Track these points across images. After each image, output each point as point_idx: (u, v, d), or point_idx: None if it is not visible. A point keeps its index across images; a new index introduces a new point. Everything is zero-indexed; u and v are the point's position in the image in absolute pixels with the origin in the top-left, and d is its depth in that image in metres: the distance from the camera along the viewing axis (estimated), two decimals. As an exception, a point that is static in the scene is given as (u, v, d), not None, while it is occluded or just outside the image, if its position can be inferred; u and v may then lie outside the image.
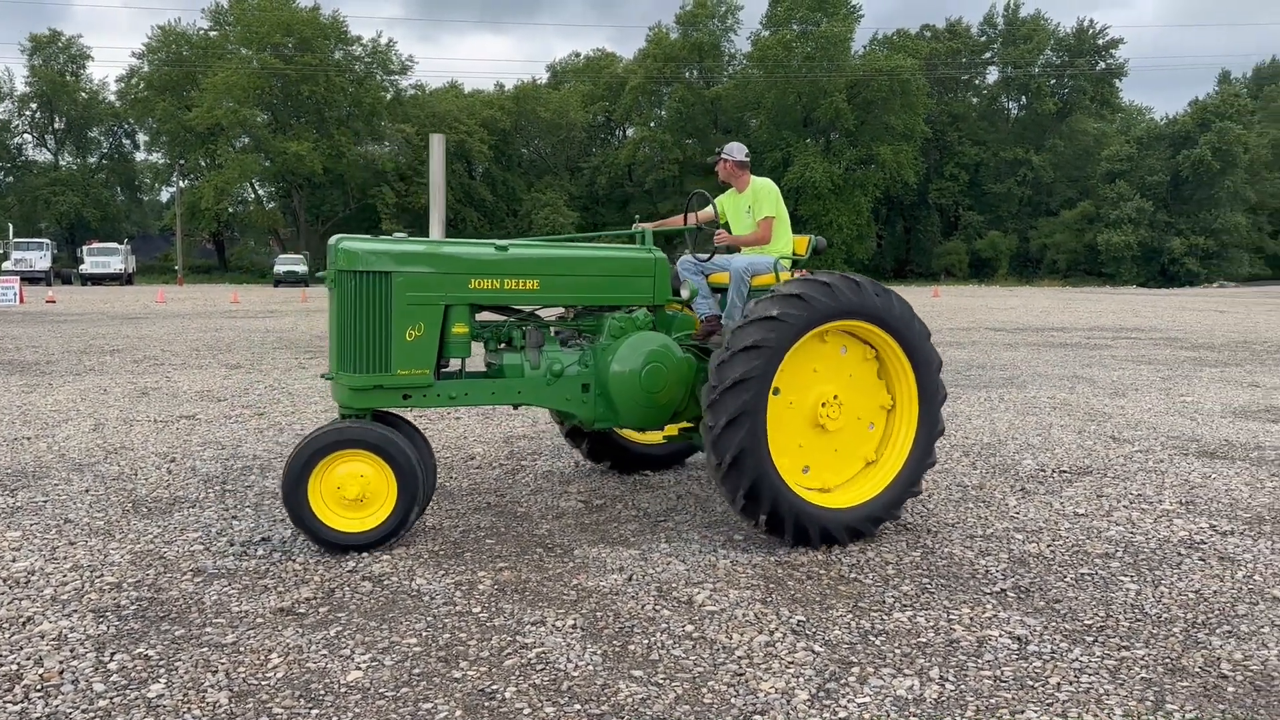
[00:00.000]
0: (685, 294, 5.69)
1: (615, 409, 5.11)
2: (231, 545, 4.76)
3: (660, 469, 6.52)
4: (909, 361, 5.02)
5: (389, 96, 70.30)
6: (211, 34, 67.01)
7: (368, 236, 4.86)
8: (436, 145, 5.28)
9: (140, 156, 73.36)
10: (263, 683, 3.25)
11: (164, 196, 77.07)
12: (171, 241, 66.82)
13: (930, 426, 5.07)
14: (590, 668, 3.39)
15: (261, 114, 65.35)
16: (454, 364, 5.16)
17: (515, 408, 5.54)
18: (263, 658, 3.45)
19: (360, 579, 4.28)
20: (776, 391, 4.75)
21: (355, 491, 4.56)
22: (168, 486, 5.96)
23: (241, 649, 3.53)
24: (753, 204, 5.99)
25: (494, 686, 3.23)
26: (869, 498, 4.92)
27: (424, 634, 3.67)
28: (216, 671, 3.33)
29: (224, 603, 3.98)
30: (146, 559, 4.53)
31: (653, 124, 78.81)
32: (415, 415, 7.83)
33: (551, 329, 5.36)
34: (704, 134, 76.68)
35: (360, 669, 3.37)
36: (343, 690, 3.21)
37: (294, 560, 4.52)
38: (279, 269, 53.14)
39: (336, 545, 4.57)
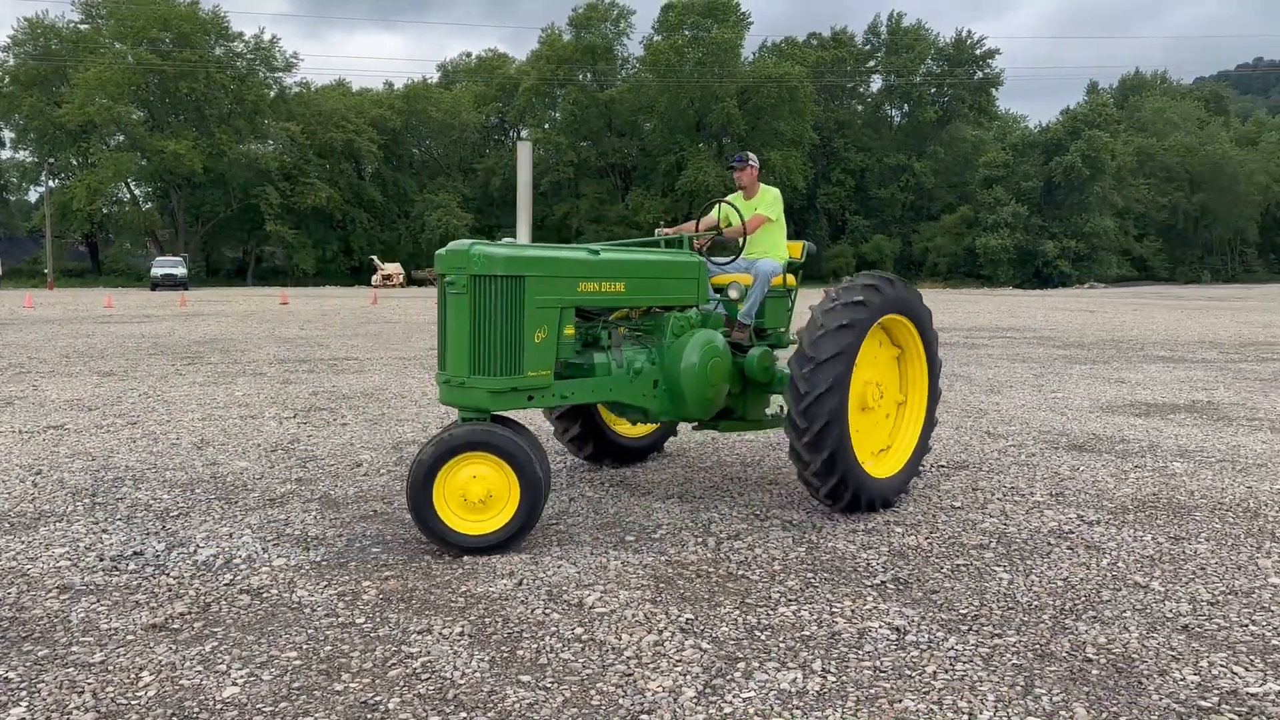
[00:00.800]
0: (735, 294, 6.11)
1: (682, 402, 5.47)
2: (101, 560, 4.55)
3: (642, 459, 6.89)
4: (926, 359, 5.90)
5: (272, 94, 68.31)
6: (83, 27, 64.00)
7: (491, 241, 4.88)
8: (524, 152, 5.49)
9: (5, 154, 69.62)
10: (132, 702, 3.12)
11: (32, 196, 73.27)
12: (41, 244, 63.47)
13: (931, 420, 5.96)
14: (477, 675, 3.35)
15: (137, 111, 62.80)
16: None
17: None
18: (133, 676, 3.31)
19: (238, 592, 4.14)
20: None
21: (480, 494, 4.60)
22: (33, 500, 5.66)
23: (110, 668, 3.37)
24: (754, 206, 6.53)
25: (377, 698, 3.17)
26: (891, 474, 5.64)
27: (304, 647, 3.58)
28: (83, 692, 3.18)
29: (92, 620, 3.81)
30: (8, 577, 4.30)
31: (547, 126, 78.56)
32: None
33: (622, 330, 5.62)
34: (598, 137, 76.82)
35: (237, 685, 3.26)
36: (218, 707, 3.10)
37: (167, 574, 4.35)
38: (156, 272, 51.04)
39: (461, 548, 4.60)
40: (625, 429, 6.75)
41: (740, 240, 6.22)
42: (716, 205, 6.66)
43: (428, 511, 4.56)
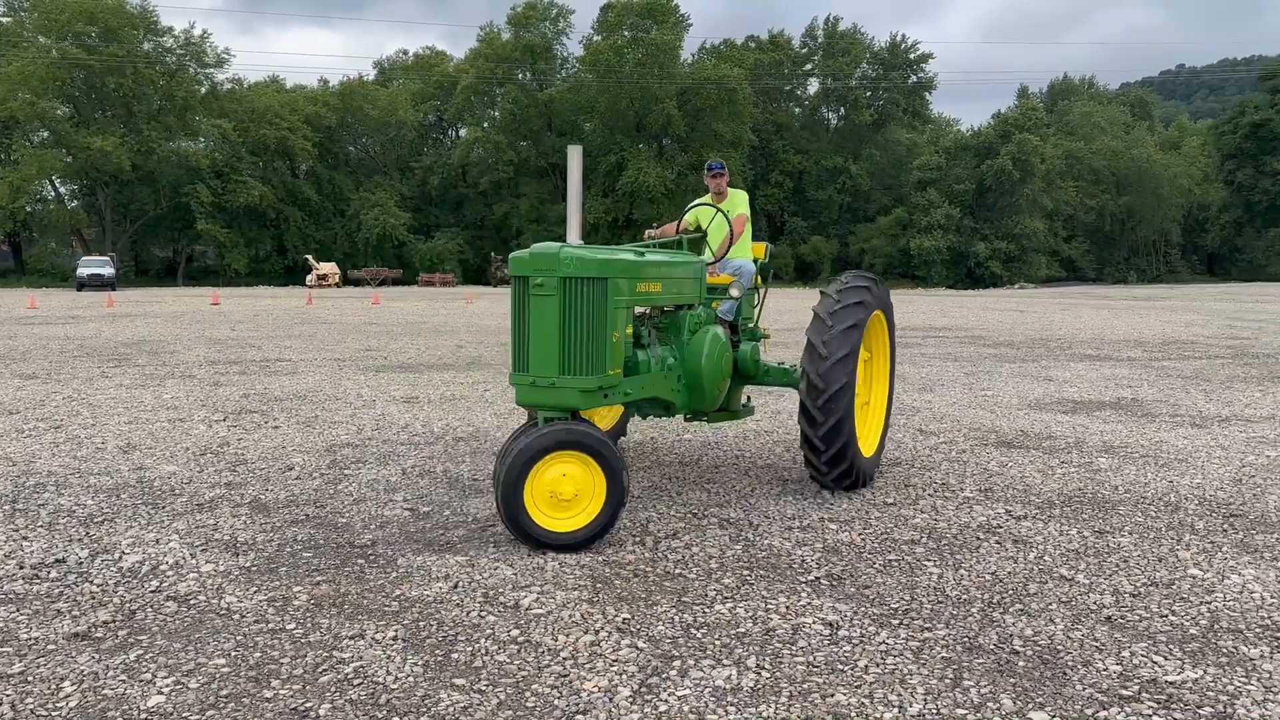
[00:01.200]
0: (736, 293, 6.30)
1: (701, 394, 5.76)
2: (21, 568, 4.41)
3: None
4: (891, 359, 6.58)
5: (203, 90, 66.86)
6: (4, 20, 61.98)
7: (575, 243, 5.05)
8: (574, 155, 5.54)
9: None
10: (53, 713, 3.03)
11: (-50, 194, 70.70)
12: (-41, 243, 61.41)
13: (891, 401, 6.68)
14: (410, 679, 3.32)
15: (62, 107, 61.02)
16: None
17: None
18: (54, 687, 3.22)
19: (164, 599, 4.05)
20: None
21: (570, 492, 4.66)
22: (-54, 508, 5.47)
23: (30, 678, 3.28)
24: (729, 209, 6.90)
25: (308, 704, 3.12)
26: (872, 453, 6.27)
27: (233, 654, 3.51)
28: (1, 704, 3.08)
29: (10, 630, 3.69)
30: (-82, 588, 4.14)
31: (486, 125, 78.07)
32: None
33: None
34: (538, 136, 76.54)
35: (162, 693, 3.19)
36: (143, 716, 3.03)
37: (90, 582, 4.24)
38: (83, 272, 49.50)
39: (549, 546, 4.66)
40: (597, 422, 6.84)
41: (728, 242, 6.60)
42: (695, 208, 7.07)
43: (518, 510, 4.60)
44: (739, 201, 7.10)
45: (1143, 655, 3.56)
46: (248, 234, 66.59)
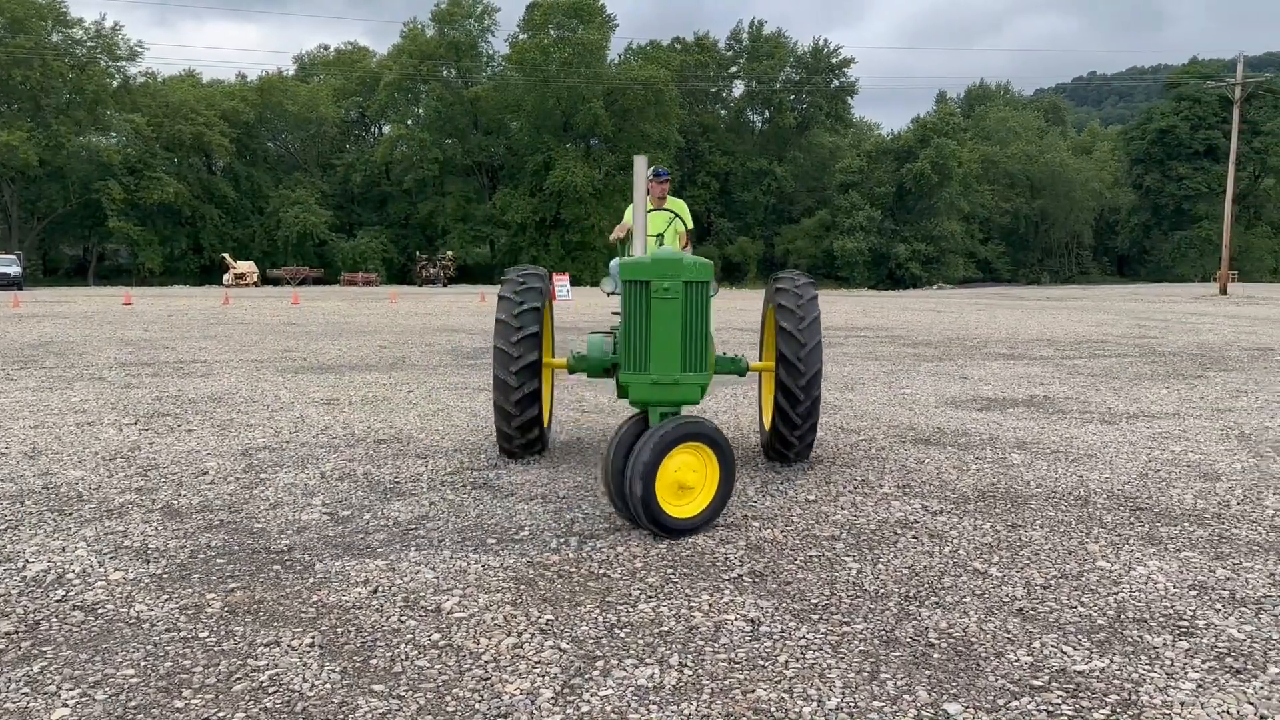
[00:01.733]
0: (609, 289, 6.85)
1: (705, 386, 6.08)
2: (-87, 581, 4.22)
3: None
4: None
5: (115, 84, 64.81)
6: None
7: (639, 253, 5.73)
8: (640, 165, 5.88)
9: None
10: (-54, 733, 2.91)
11: None
12: None
13: None
14: (328, 686, 3.26)
15: (-37, 99, 58.61)
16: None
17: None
18: (-53, 705, 3.08)
19: (70, 609, 3.91)
20: None
21: (693, 481, 5.00)
22: None
23: (-79, 697, 3.13)
24: (681, 215, 7.77)
25: (220, 714, 3.04)
26: None
27: (142, 664, 3.41)
28: (-112, 725, 2.94)
29: (-99, 647, 3.52)
30: None
31: (410, 122, 77.09)
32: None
33: None
34: (464, 134, 75.86)
35: (68, 706, 3.08)
36: (44, 733, 2.92)
37: (-10, 593, 4.07)
38: (-14, 271, 47.67)
39: (675, 531, 4.96)
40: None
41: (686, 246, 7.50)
42: (653, 214, 7.68)
43: (652, 498, 4.85)
44: (684, 210, 7.85)
45: (1053, 646, 3.66)
46: (162, 232, 64.76)
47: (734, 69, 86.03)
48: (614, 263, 7.15)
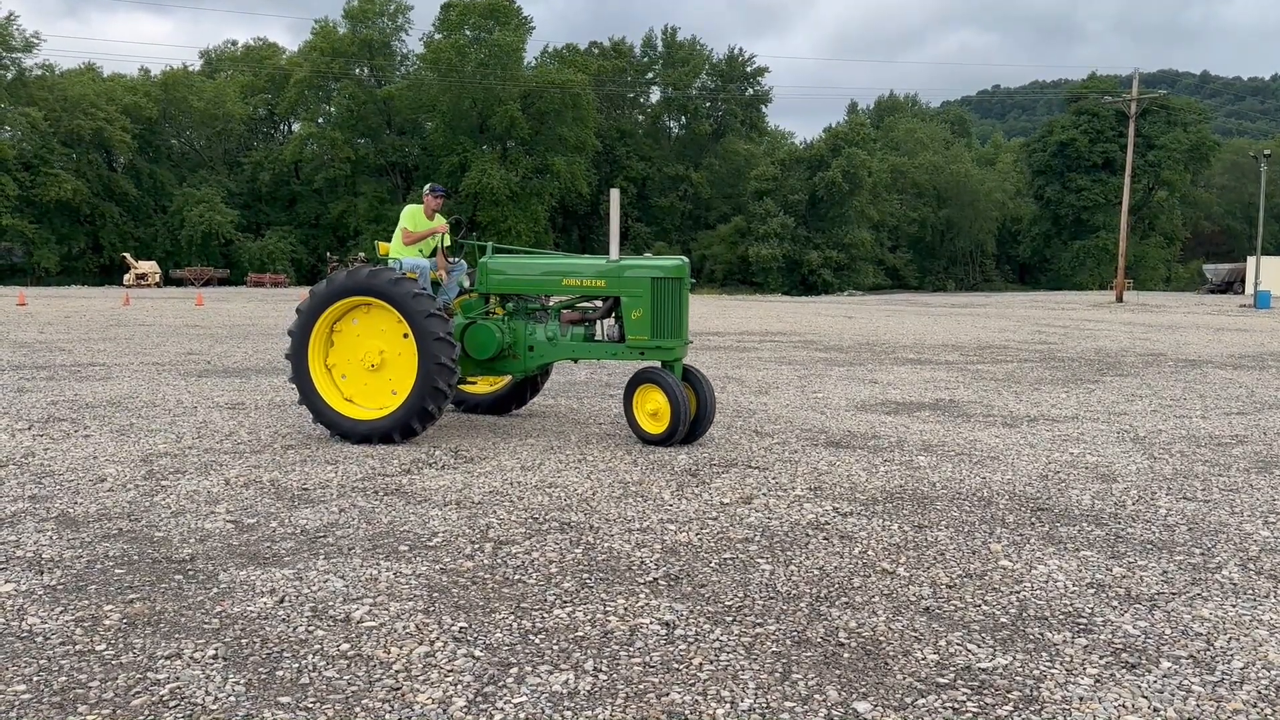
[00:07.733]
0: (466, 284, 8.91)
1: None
2: None
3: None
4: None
5: (10, 76, 62.09)
6: None
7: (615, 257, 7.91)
8: (615, 198, 8.13)
9: None
10: None
11: None
12: None
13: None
14: (232, 699, 3.16)
15: None
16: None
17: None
18: None
19: (-46, 625, 3.72)
20: None
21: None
22: None
23: None
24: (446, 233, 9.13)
25: (117, 730, 2.93)
26: None
27: (35, 679, 3.26)
28: None
29: None
30: None
31: (321, 120, 75.53)
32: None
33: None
34: (377, 134, 74.67)
35: (-51, 728, 2.93)
36: (-76, 755, 2.77)
37: None
38: None
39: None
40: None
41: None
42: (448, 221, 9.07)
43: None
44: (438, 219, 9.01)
45: (958, 644, 3.76)
46: (59, 230, 62.25)
47: (650, 75, 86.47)
48: (416, 262, 8.37)
